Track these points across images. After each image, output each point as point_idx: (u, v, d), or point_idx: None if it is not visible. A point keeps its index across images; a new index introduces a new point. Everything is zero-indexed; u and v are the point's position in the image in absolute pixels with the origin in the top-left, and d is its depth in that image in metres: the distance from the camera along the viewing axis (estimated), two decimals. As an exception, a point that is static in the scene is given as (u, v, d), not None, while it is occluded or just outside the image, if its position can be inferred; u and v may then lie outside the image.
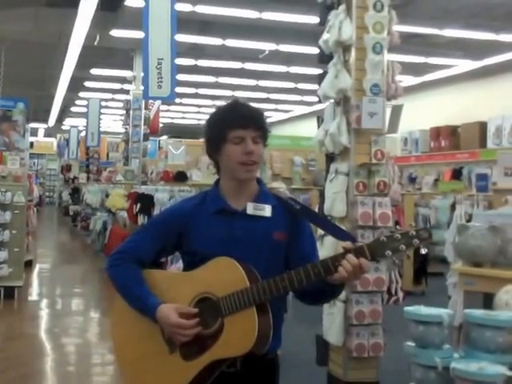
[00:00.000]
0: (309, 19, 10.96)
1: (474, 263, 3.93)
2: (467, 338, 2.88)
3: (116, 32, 13.16)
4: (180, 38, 10.64)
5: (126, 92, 16.65)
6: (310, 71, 15.93)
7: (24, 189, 9.15)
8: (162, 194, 8.29)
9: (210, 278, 2.24)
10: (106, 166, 19.88)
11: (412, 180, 16.16)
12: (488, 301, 3.50)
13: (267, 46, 14.51)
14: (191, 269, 2.32)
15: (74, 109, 26.44)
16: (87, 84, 20.18)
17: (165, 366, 2.26)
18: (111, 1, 11.73)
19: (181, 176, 10.55)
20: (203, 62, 16.74)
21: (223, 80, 19.21)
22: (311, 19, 10.44)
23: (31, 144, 29.11)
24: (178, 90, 9.38)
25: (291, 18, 11.80)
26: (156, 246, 2.39)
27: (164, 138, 24.79)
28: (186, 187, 8.58)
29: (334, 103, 5.46)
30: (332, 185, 5.37)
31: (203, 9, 11.44)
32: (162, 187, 8.90)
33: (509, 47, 13.59)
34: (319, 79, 5.59)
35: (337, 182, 5.32)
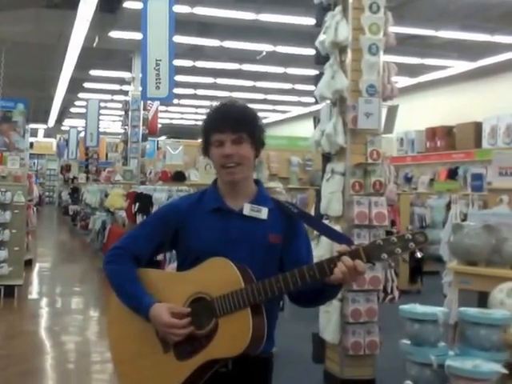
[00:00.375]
0: (306, 20, 10.95)
1: (469, 262, 3.91)
2: (462, 336, 2.91)
3: (115, 33, 13.16)
4: (178, 39, 10.73)
5: (125, 93, 16.67)
6: (307, 72, 15.93)
7: (24, 189, 9.19)
8: (160, 193, 8.29)
9: (205, 278, 2.22)
10: (105, 166, 19.88)
11: (408, 180, 16.17)
12: (483, 299, 3.52)
13: (264, 48, 14.51)
14: (185, 267, 2.32)
15: (73, 109, 26.43)
16: (86, 85, 20.16)
17: (159, 365, 2.26)
18: (110, 3, 11.72)
19: (179, 176, 10.55)
20: (201, 64, 16.74)
21: (221, 81, 19.23)
22: (308, 20, 10.44)
23: (31, 144, 29.04)
24: (176, 90, 9.41)
25: (288, 19, 11.79)
26: (153, 242, 2.39)
27: (162, 138, 24.77)
28: (184, 187, 8.56)
29: (331, 104, 5.50)
30: (328, 184, 5.42)
31: (201, 10, 11.45)
32: (161, 187, 8.88)
33: (504, 48, 13.57)
34: (316, 80, 5.64)
35: (333, 182, 5.37)
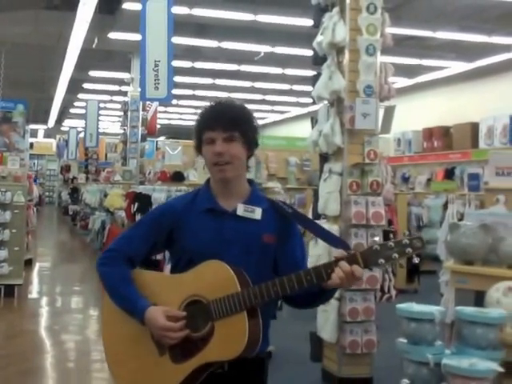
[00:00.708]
0: (303, 21, 10.99)
1: (466, 261, 3.93)
2: (459, 334, 2.93)
3: (114, 35, 13.21)
4: (177, 40, 10.77)
5: (124, 94, 16.68)
6: (305, 73, 15.97)
7: (24, 189, 9.23)
8: (159, 193, 8.29)
9: (201, 280, 2.20)
10: (105, 167, 19.89)
11: (405, 180, 16.21)
12: (479, 298, 3.55)
13: (262, 49, 14.55)
14: (179, 268, 2.31)
15: (72, 110, 26.47)
16: (86, 86, 20.21)
17: (154, 367, 2.24)
18: (109, 4, 11.78)
19: (178, 176, 10.58)
20: (200, 64, 16.78)
21: (219, 82, 19.27)
22: (306, 21, 10.44)
23: (31, 145, 28.99)
24: (175, 91, 9.44)
25: (286, 20, 11.83)
26: (147, 242, 2.37)
27: (161, 138, 24.78)
28: (183, 187, 8.57)
29: (328, 104, 5.54)
30: (326, 184, 5.46)
31: (199, 12, 11.48)
32: (160, 187, 8.90)
33: (501, 49, 13.60)
34: (313, 81, 5.65)
35: (331, 182, 5.41)
